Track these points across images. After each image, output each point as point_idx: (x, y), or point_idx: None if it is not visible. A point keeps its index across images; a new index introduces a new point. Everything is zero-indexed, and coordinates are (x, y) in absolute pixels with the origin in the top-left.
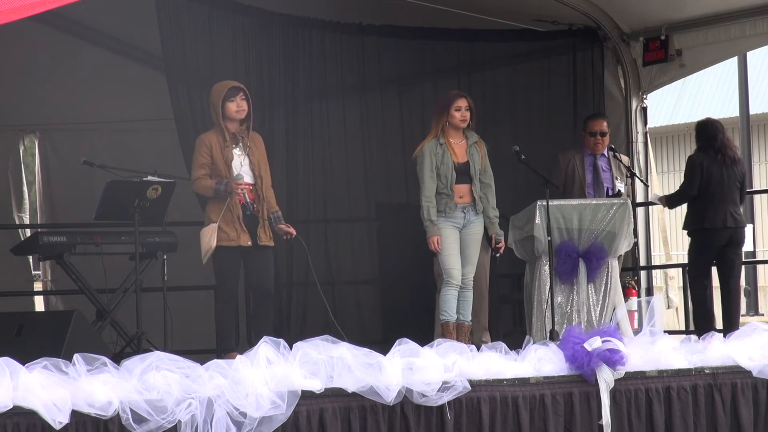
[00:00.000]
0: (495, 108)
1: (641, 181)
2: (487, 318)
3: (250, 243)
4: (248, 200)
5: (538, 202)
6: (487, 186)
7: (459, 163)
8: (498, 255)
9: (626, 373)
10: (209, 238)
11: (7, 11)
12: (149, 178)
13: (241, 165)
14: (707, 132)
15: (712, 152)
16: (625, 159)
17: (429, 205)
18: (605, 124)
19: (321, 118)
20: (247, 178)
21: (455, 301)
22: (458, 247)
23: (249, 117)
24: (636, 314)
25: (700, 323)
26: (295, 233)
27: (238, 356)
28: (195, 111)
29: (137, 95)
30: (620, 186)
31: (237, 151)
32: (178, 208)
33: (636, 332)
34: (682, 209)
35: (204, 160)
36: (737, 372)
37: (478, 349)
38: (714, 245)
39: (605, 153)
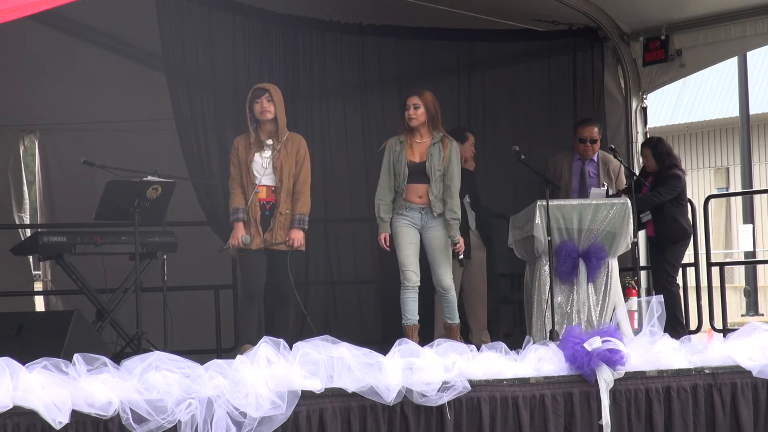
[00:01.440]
0: (495, 108)
1: (642, 181)
2: (486, 318)
3: (262, 246)
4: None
5: (538, 202)
6: (446, 188)
7: (414, 162)
8: (460, 257)
9: (626, 373)
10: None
11: (7, 10)
12: (149, 178)
13: (264, 168)
14: (670, 148)
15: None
16: (615, 163)
17: (379, 202)
18: (596, 130)
19: (321, 117)
20: (269, 181)
21: (414, 303)
22: (416, 247)
23: (275, 118)
24: (636, 314)
25: (672, 324)
26: (294, 245)
27: (239, 356)
28: (195, 111)
29: (137, 95)
30: (606, 190)
31: (265, 154)
32: (178, 208)
33: (636, 332)
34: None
35: (235, 160)
36: (737, 372)
37: (478, 349)
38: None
39: (594, 158)
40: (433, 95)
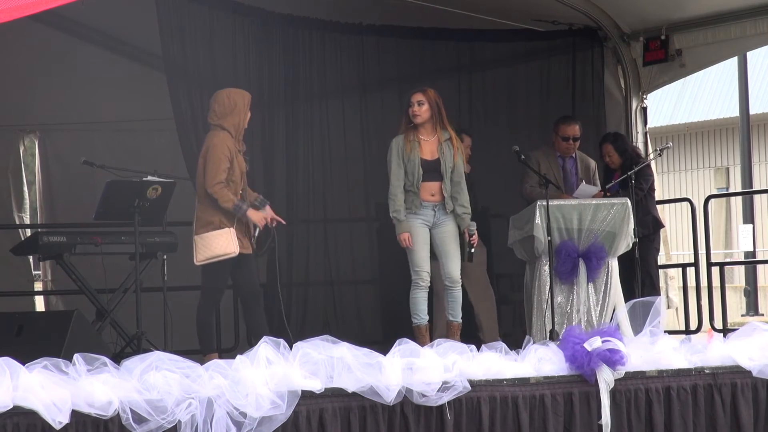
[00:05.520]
0: (495, 108)
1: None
2: (497, 317)
3: (250, 251)
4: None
5: (538, 202)
6: (456, 184)
7: (427, 160)
8: (472, 250)
9: (626, 373)
10: (226, 242)
11: (7, 10)
12: (149, 178)
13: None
14: (629, 140)
15: None
16: (593, 163)
17: (394, 200)
18: (578, 128)
19: (321, 118)
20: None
21: (425, 303)
22: (428, 246)
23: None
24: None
25: None
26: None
27: (239, 356)
28: (195, 111)
29: (137, 95)
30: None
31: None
32: (178, 208)
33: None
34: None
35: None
36: (737, 372)
37: (478, 349)
38: None
39: (573, 155)
40: (436, 92)
